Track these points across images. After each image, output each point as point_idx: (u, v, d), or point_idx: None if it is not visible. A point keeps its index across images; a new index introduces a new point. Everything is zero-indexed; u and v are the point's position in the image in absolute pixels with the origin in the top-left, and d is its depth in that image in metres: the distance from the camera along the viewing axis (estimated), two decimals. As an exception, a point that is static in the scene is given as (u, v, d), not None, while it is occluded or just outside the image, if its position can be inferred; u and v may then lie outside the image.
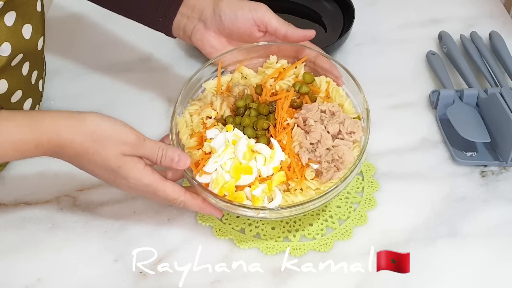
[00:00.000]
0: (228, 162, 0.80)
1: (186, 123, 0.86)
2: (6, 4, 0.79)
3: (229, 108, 0.87)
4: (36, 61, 0.91)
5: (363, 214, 0.88)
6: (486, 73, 1.07)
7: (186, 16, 0.91)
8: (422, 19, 1.22)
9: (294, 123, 0.84)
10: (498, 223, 0.88)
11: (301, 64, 0.90)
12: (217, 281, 0.80)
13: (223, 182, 0.79)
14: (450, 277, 0.81)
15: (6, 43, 0.81)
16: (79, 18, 1.24)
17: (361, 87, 0.86)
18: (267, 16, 0.89)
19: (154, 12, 0.92)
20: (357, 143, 0.83)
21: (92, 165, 0.76)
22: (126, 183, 0.77)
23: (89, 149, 0.75)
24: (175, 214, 0.88)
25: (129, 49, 1.16)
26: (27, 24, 0.84)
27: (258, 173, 0.80)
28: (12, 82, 0.85)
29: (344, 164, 0.79)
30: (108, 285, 0.80)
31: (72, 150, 0.75)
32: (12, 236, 0.86)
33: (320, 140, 0.81)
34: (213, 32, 0.91)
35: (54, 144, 0.75)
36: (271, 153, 0.81)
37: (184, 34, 0.92)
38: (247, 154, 0.80)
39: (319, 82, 0.89)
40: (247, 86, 0.89)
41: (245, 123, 0.84)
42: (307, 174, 0.80)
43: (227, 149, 0.80)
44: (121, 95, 1.07)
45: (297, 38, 0.90)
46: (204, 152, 0.82)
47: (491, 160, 0.95)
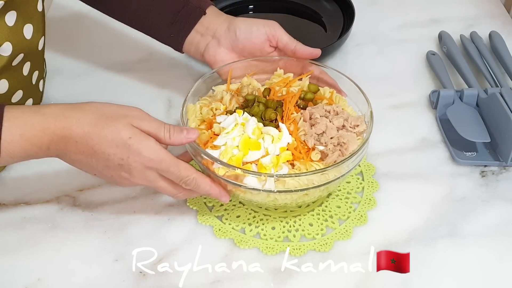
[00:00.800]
0: (237, 138, 0.82)
1: (196, 114, 0.88)
2: (7, 3, 0.79)
3: (238, 104, 0.89)
4: (37, 61, 0.91)
5: (363, 214, 0.88)
6: (486, 73, 1.07)
7: (200, 34, 0.94)
8: (422, 19, 1.22)
9: (300, 117, 0.86)
10: (498, 223, 0.88)
11: (306, 77, 0.93)
12: (217, 281, 0.80)
13: (231, 155, 0.80)
14: (450, 277, 0.81)
15: (7, 43, 0.81)
16: (79, 18, 1.24)
17: (368, 99, 0.87)
18: (279, 31, 0.94)
19: (168, 27, 0.95)
20: (360, 135, 0.85)
21: (102, 146, 0.74)
22: (139, 160, 0.75)
23: (97, 124, 0.74)
24: (175, 214, 0.88)
25: (129, 49, 1.16)
26: (28, 24, 0.84)
27: (266, 152, 0.81)
28: (13, 82, 0.86)
29: (348, 150, 0.82)
30: (108, 285, 0.80)
31: (80, 130, 0.74)
32: (12, 236, 0.86)
33: (325, 130, 0.83)
34: (226, 49, 0.94)
35: (61, 126, 0.74)
36: (278, 134, 0.83)
37: (195, 50, 0.96)
38: (256, 131, 0.82)
39: (323, 92, 0.92)
40: (256, 89, 0.92)
41: (253, 112, 0.86)
42: (312, 156, 0.82)
43: (236, 127, 0.82)
44: (121, 95, 1.07)
45: (304, 55, 0.94)
46: (213, 132, 0.84)
47: (491, 160, 0.95)
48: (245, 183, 0.79)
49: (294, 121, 0.86)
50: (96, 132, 0.74)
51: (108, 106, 0.77)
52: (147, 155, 0.75)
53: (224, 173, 0.79)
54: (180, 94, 1.05)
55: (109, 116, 0.75)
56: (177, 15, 0.94)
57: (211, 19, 0.94)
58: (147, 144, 0.75)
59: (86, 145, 0.75)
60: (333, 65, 1.12)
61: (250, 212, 0.88)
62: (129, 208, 0.88)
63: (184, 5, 0.94)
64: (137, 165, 0.76)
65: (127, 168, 0.76)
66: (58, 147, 0.75)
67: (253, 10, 1.25)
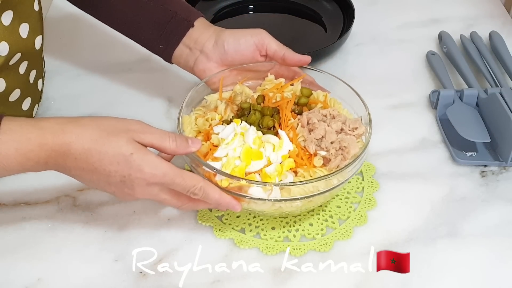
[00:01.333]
0: (238, 148, 0.81)
1: (191, 125, 0.87)
2: (3, 3, 0.79)
3: (233, 113, 0.88)
4: (34, 61, 0.91)
5: (363, 214, 0.88)
6: (486, 73, 1.07)
7: (188, 47, 0.93)
8: (422, 19, 1.22)
9: (298, 123, 0.85)
10: (498, 223, 0.88)
11: (298, 82, 0.92)
12: (217, 281, 0.80)
13: (233, 166, 0.79)
14: (450, 277, 0.81)
15: (3, 42, 0.81)
16: (79, 18, 1.23)
17: (365, 102, 0.87)
18: (267, 39, 0.92)
19: (157, 38, 0.94)
20: (359, 138, 0.85)
21: (103, 163, 0.72)
22: (141, 177, 0.73)
23: (98, 141, 0.72)
24: (175, 214, 0.88)
25: (129, 49, 1.16)
26: (24, 23, 0.84)
27: (268, 161, 0.81)
28: (10, 81, 0.85)
29: (350, 153, 0.81)
30: (108, 285, 0.80)
31: (80, 147, 0.72)
32: (12, 236, 0.85)
33: (325, 135, 0.83)
34: (215, 63, 0.93)
35: (60, 142, 0.72)
36: (279, 142, 0.82)
37: (185, 64, 0.95)
38: (257, 140, 0.81)
39: (316, 95, 0.91)
40: (249, 96, 0.91)
41: (251, 120, 0.85)
42: (315, 162, 0.82)
43: (236, 137, 0.81)
44: (121, 95, 1.07)
45: (294, 62, 0.92)
46: (212, 144, 0.83)
47: (491, 160, 0.95)
48: (250, 194, 0.78)
49: (292, 127, 0.85)
50: (97, 149, 0.72)
51: (109, 120, 0.75)
52: (149, 171, 0.73)
53: (227, 184, 0.78)
54: (180, 94, 1.05)
55: (110, 131, 0.73)
56: (165, 26, 0.93)
57: (199, 32, 0.93)
58: (148, 159, 0.73)
59: (86, 162, 0.73)
60: (333, 65, 1.12)
61: (250, 212, 0.88)
62: (129, 208, 0.88)
63: (172, 16, 0.93)
64: (139, 181, 0.74)
65: (129, 184, 0.74)
66: (57, 163, 0.74)
67: (253, 10, 1.25)
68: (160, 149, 0.76)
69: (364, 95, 0.88)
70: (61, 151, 0.73)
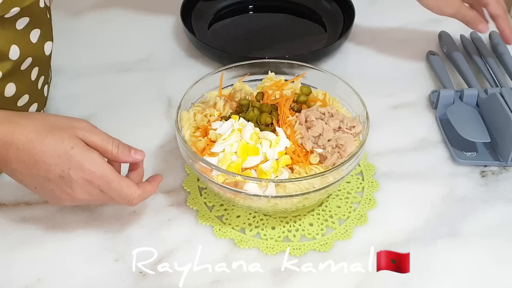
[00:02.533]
0: (235, 144, 0.81)
1: (190, 121, 0.87)
2: (22, 10, 0.80)
3: (232, 110, 0.89)
4: (44, 67, 0.91)
5: (363, 214, 0.88)
6: (486, 73, 1.07)
7: None
8: (422, 19, 1.22)
9: (296, 120, 0.86)
10: (498, 223, 0.88)
11: (298, 80, 0.92)
12: (217, 281, 0.80)
13: (229, 161, 0.80)
14: (450, 277, 0.81)
15: (14, 46, 0.81)
16: (79, 18, 1.24)
17: (362, 100, 0.87)
18: None
19: None
20: (357, 136, 0.85)
21: (44, 155, 0.71)
22: (80, 174, 0.72)
23: (42, 132, 0.72)
24: (175, 214, 0.88)
25: (129, 49, 1.16)
26: (36, 29, 0.85)
27: (264, 157, 0.81)
28: (20, 86, 0.86)
29: (347, 152, 0.82)
30: (108, 285, 0.80)
31: (23, 137, 0.72)
32: (12, 236, 0.85)
33: (322, 133, 0.83)
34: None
35: (5, 131, 0.72)
36: (276, 138, 0.83)
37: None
38: (254, 136, 0.82)
39: (316, 94, 0.91)
40: (249, 93, 0.91)
41: (249, 117, 0.85)
42: (311, 159, 0.82)
43: (233, 133, 0.82)
44: (121, 95, 1.07)
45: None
46: (210, 139, 0.84)
47: (491, 160, 0.95)
48: (245, 190, 0.79)
49: (290, 124, 0.86)
50: (40, 140, 0.72)
51: (56, 116, 0.76)
52: (88, 168, 0.73)
53: (223, 180, 0.79)
54: (180, 94, 1.05)
55: (55, 125, 0.74)
56: None
57: None
58: (90, 156, 0.73)
59: (27, 153, 0.72)
60: (333, 65, 1.12)
61: (250, 212, 0.88)
62: (129, 208, 0.88)
63: None
64: (78, 178, 0.73)
65: (68, 180, 0.73)
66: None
67: (253, 10, 1.25)
68: (102, 152, 0.76)
69: (364, 95, 0.88)
70: (5, 140, 0.72)
